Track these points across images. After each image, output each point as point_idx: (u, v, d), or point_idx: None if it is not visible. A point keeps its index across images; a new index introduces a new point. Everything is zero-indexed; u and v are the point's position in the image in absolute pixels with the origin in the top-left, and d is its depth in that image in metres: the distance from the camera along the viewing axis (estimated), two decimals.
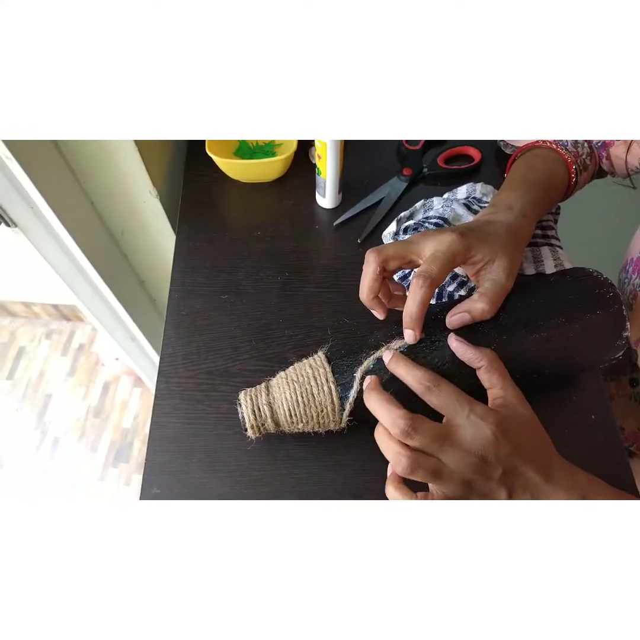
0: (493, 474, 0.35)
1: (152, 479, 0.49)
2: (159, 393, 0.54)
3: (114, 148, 0.61)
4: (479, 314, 0.41)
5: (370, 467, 0.50)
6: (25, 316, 1.80)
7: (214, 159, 0.65)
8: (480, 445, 0.35)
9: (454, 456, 0.35)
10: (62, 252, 0.78)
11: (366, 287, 0.43)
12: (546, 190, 0.53)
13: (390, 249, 0.43)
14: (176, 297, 0.60)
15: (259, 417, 0.44)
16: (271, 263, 0.63)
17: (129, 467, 1.55)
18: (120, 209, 0.71)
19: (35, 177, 0.56)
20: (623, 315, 0.43)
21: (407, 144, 0.71)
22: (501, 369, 0.38)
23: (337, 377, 0.44)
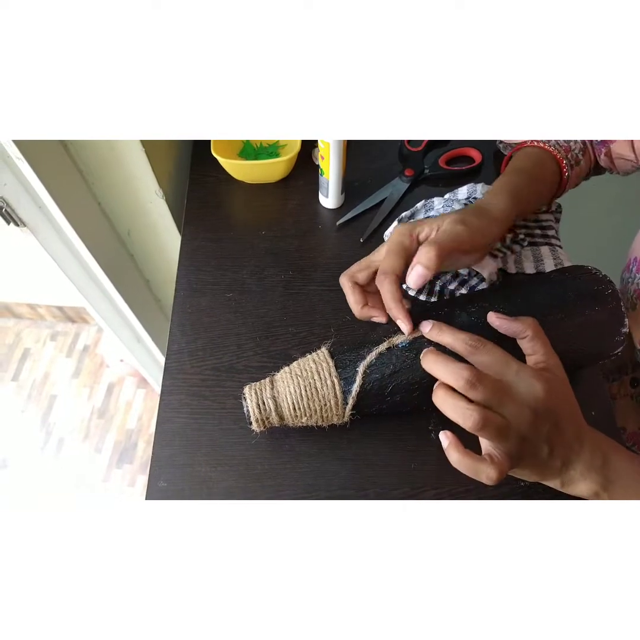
0: (542, 428, 0.37)
1: (159, 472, 0.50)
2: (165, 389, 0.55)
3: (121, 149, 0.62)
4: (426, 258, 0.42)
5: (374, 461, 0.50)
6: (30, 318, 1.81)
7: (218, 160, 0.66)
8: (533, 400, 0.36)
9: (513, 410, 0.36)
10: (69, 252, 0.79)
11: (352, 302, 0.47)
12: (532, 177, 0.55)
13: (354, 266, 0.48)
14: (182, 295, 0.61)
15: (264, 411, 0.45)
16: (275, 262, 0.64)
17: (133, 468, 1.56)
18: (127, 209, 0.72)
19: (45, 178, 0.57)
20: (621, 312, 0.44)
21: (409, 146, 0.72)
22: (544, 337, 0.40)
23: (340, 371, 0.45)
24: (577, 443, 0.38)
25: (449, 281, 0.56)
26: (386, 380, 0.43)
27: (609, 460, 0.38)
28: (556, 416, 0.37)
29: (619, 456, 0.39)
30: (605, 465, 0.38)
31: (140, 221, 0.74)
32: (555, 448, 0.37)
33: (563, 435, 0.37)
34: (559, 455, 0.38)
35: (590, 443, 0.39)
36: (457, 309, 0.43)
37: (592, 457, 0.38)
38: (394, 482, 0.50)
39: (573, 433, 0.38)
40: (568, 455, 0.38)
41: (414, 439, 0.51)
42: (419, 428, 0.51)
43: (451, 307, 0.44)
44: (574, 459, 0.38)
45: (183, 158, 0.75)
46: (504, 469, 0.36)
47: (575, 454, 0.38)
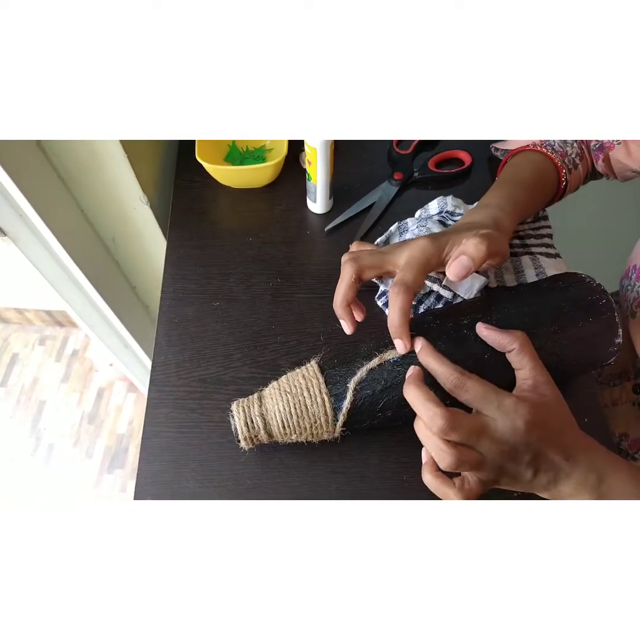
0: (522, 459, 0.37)
1: (145, 489, 0.49)
2: (152, 402, 0.54)
3: (103, 155, 0.60)
4: (474, 250, 0.41)
5: (365, 474, 0.49)
6: (18, 322, 1.79)
7: (204, 165, 0.64)
8: (511, 435, 0.36)
9: (490, 448, 0.36)
10: (52, 260, 0.77)
11: (341, 295, 0.44)
12: (530, 188, 0.54)
13: (367, 259, 0.43)
14: (167, 304, 0.60)
15: (252, 429, 0.44)
16: (262, 269, 0.62)
17: (124, 472, 1.54)
18: (111, 216, 0.70)
19: (23, 185, 0.55)
20: (615, 322, 0.43)
21: (398, 148, 0.71)
22: (531, 352, 0.39)
23: (330, 387, 0.44)
24: (566, 463, 0.37)
25: (433, 304, 0.55)
26: (377, 396, 0.42)
27: (605, 478, 0.37)
28: (539, 444, 0.37)
29: (617, 473, 0.38)
30: (600, 483, 0.37)
31: (124, 228, 0.72)
32: (539, 471, 0.37)
33: (548, 458, 0.37)
34: (544, 476, 0.37)
35: (585, 461, 0.38)
36: (449, 321, 0.42)
37: (586, 476, 0.37)
38: (386, 495, 0.49)
39: (562, 454, 0.37)
40: (556, 475, 0.37)
41: (406, 451, 0.50)
42: (410, 440, 0.50)
43: (443, 320, 0.43)
44: (562, 478, 0.37)
45: (168, 163, 0.73)
46: (472, 496, 0.37)
47: (564, 473, 0.37)
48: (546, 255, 0.59)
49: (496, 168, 0.63)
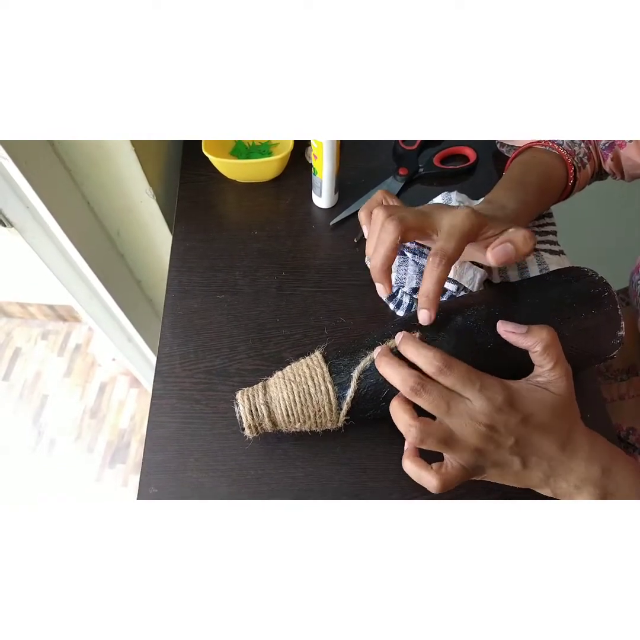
0: (504, 442, 0.36)
1: (150, 479, 0.49)
2: (156, 393, 0.54)
3: (110, 148, 0.60)
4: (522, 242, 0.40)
5: (368, 465, 0.50)
6: (21, 317, 1.79)
7: (210, 158, 0.65)
8: (487, 414, 0.35)
9: (460, 423, 0.35)
10: (58, 253, 0.78)
11: (383, 256, 0.41)
12: (541, 192, 0.54)
13: (411, 219, 0.41)
14: (173, 297, 0.60)
15: (256, 417, 0.44)
16: (268, 263, 0.63)
17: (126, 467, 1.55)
18: (117, 209, 0.70)
19: (32, 178, 0.55)
20: (618, 315, 0.43)
21: (403, 144, 0.71)
22: (555, 353, 0.37)
23: (334, 376, 0.44)
24: (565, 455, 0.37)
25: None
26: (381, 385, 0.42)
27: (609, 472, 0.37)
28: (523, 429, 0.36)
29: (621, 467, 0.38)
30: (604, 477, 0.37)
31: (130, 221, 0.73)
32: (528, 460, 0.37)
33: (538, 447, 0.36)
34: (537, 467, 0.37)
35: (586, 454, 0.37)
36: (452, 312, 0.43)
37: (588, 469, 0.37)
38: (390, 487, 0.49)
39: (557, 445, 0.37)
40: (553, 467, 0.37)
41: None
42: None
43: (447, 312, 0.43)
44: (561, 471, 0.37)
45: (174, 157, 0.74)
46: (449, 479, 0.36)
47: (563, 466, 0.37)
48: (550, 252, 0.59)
49: (501, 164, 0.63)
